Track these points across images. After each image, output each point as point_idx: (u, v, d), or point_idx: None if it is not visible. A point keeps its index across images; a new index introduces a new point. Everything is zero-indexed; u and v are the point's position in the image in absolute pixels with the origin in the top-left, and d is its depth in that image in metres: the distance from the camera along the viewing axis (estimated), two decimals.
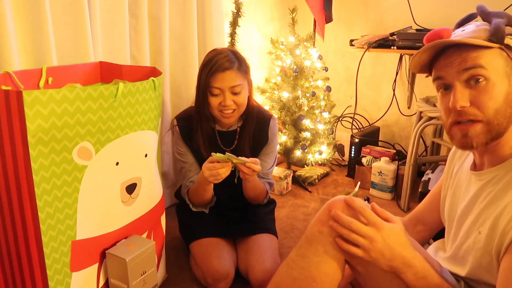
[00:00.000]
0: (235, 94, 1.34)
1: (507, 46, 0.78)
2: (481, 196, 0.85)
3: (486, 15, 0.82)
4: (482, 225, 0.82)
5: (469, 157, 0.94)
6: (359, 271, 0.90)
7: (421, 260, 0.84)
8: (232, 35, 2.03)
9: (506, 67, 0.78)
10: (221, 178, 1.24)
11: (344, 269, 0.91)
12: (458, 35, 0.82)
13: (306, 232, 0.92)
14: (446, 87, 0.83)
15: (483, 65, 0.76)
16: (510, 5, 1.95)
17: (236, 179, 1.30)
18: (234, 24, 2.01)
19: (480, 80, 0.77)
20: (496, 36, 0.77)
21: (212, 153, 1.22)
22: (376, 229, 0.84)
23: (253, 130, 1.46)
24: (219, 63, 1.31)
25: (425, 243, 1.14)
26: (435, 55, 0.84)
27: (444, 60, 0.81)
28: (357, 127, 2.66)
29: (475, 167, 0.91)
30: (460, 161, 0.99)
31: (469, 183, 0.91)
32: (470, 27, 0.83)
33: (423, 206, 1.14)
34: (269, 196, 1.57)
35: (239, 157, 1.21)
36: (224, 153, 1.21)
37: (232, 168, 1.24)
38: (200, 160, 1.43)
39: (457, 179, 0.98)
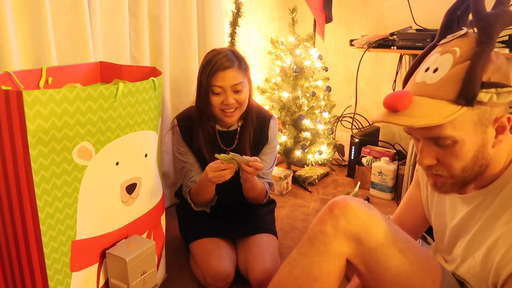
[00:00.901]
0: (236, 92, 1.34)
1: (479, 102, 0.69)
2: (472, 220, 0.84)
3: (477, 20, 0.72)
4: (477, 250, 0.82)
5: None
6: (360, 271, 0.90)
7: None
8: (232, 35, 2.02)
9: (482, 119, 0.71)
10: (224, 179, 1.25)
11: (346, 268, 0.91)
12: (426, 82, 0.74)
13: (308, 232, 0.92)
14: (416, 138, 0.81)
15: (449, 134, 0.72)
16: (510, 5, 1.94)
17: (241, 179, 1.31)
18: (234, 24, 2.01)
19: (447, 142, 0.73)
20: (466, 97, 0.68)
21: (216, 155, 1.22)
22: None
23: (253, 130, 1.46)
24: (220, 63, 1.32)
25: None
26: None
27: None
28: (357, 127, 2.66)
29: None
30: None
31: (455, 203, 0.90)
32: (444, 66, 0.73)
33: (402, 212, 1.12)
34: (269, 196, 1.57)
35: (243, 156, 1.22)
36: (225, 153, 1.21)
37: (236, 168, 1.25)
38: (201, 160, 1.43)
39: (436, 195, 0.97)
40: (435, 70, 0.74)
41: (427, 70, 0.76)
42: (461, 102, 0.69)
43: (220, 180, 1.25)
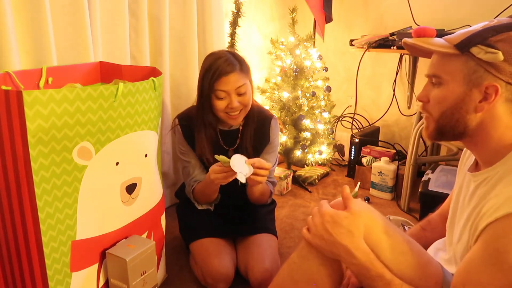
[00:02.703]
0: (240, 95, 1.34)
1: (472, 55, 0.77)
2: (473, 198, 0.85)
3: None
4: (471, 228, 0.81)
5: (472, 158, 0.94)
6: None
7: (366, 254, 0.84)
8: (232, 35, 2.03)
9: (472, 75, 0.77)
10: (228, 181, 1.25)
11: (346, 270, 0.91)
12: (457, 32, 0.83)
13: None
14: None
15: (442, 73, 0.81)
16: (510, 5, 1.95)
17: (240, 183, 1.30)
18: (234, 24, 2.01)
19: (436, 80, 0.82)
20: (462, 44, 0.78)
21: (216, 156, 1.21)
22: (320, 215, 0.87)
23: (254, 129, 1.46)
24: (222, 67, 1.31)
25: None
26: None
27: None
28: (357, 127, 2.66)
29: (475, 167, 0.91)
30: (467, 161, 0.99)
31: (468, 184, 0.91)
32: (478, 25, 0.82)
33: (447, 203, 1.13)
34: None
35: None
36: (226, 153, 1.21)
37: None
38: (203, 160, 1.43)
39: (460, 180, 0.98)
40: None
41: None
42: (457, 46, 0.78)
43: (223, 182, 1.25)
